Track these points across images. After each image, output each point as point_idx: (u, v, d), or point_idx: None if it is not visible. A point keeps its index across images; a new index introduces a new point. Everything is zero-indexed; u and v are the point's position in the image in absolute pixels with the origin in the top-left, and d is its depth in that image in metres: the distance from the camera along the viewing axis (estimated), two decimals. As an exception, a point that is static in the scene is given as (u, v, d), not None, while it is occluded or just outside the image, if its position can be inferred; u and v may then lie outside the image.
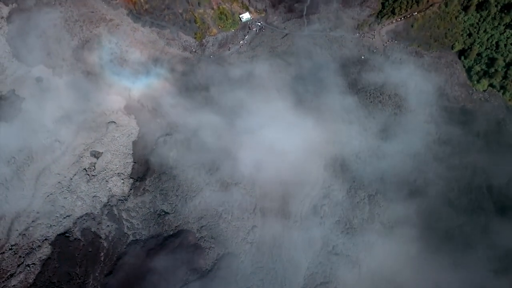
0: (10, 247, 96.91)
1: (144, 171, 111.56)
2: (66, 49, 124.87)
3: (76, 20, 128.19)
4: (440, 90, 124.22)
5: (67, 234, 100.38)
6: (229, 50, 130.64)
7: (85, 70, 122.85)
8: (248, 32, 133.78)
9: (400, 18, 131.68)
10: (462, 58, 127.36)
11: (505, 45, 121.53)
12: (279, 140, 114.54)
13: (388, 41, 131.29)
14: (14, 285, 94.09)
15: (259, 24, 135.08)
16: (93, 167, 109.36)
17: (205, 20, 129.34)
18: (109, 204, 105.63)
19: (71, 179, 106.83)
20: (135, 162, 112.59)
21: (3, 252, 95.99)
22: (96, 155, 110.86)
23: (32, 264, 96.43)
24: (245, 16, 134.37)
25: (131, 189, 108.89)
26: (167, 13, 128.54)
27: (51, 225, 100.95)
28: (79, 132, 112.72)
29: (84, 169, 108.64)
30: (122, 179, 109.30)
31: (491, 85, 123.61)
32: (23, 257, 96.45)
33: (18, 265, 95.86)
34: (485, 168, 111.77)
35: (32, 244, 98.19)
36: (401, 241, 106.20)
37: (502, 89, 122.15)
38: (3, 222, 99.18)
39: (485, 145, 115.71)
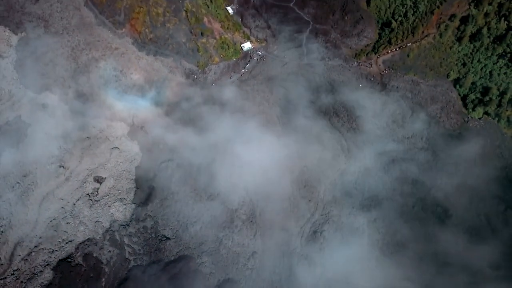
0: (12, 272, 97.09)
1: (146, 196, 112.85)
2: (72, 77, 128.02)
3: (83, 48, 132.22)
4: (437, 117, 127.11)
5: (69, 260, 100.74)
6: (230, 78, 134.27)
7: (90, 96, 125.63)
8: (249, 61, 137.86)
9: (396, 48, 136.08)
10: (457, 86, 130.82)
11: (498, 74, 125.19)
12: (279, 167, 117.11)
13: (385, 70, 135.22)
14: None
15: (260, 53, 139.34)
16: (96, 193, 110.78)
17: (208, 49, 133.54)
18: (111, 230, 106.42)
19: (74, 204, 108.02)
20: (137, 188, 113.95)
21: (5, 277, 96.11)
22: (99, 180, 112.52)
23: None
24: (247, 45, 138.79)
25: (133, 215, 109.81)
26: (171, 42, 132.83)
27: (53, 250, 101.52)
28: (83, 157, 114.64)
29: (87, 194, 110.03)
30: (125, 204, 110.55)
31: (486, 113, 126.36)
32: (25, 282, 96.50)
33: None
34: (482, 195, 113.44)
35: (34, 270, 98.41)
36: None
37: (497, 117, 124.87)
38: (6, 247, 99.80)
39: (482, 172, 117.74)
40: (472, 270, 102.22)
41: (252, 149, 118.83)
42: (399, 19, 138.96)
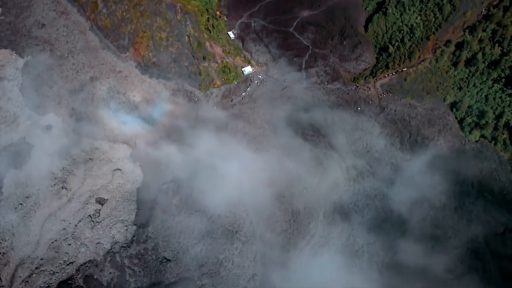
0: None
1: (148, 217, 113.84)
2: (76, 99, 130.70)
3: (87, 71, 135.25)
4: (434, 140, 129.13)
5: (69, 281, 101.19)
6: (232, 101, 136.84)
7: (94, 118, 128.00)
8: (250, 84, 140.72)
9: (394, 72, 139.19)
10: (454, 110, 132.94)
11: (494, 99, 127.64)
12: (279, 189, 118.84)
13: (383, 93, 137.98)
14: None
15: (260, 77, 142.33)
16: (98, 214, 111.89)
17: (210, 73, 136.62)
18: (112, 251, 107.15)
19: (76, 225, 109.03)
20: (138, 209, 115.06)
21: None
22: (101, 202, 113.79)
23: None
24: (247, 69, 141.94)
25: (134, 236, 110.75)
26: (173, 66, 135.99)
27: (54, 272, 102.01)
28: (86, 179, 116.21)
29: (89, 215, 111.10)
30: (126, 225, 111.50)
31: (482, 136, 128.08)
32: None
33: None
34: (480, 217, 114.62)
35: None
36: None
37: (494, 140, 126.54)
38: (7, 268, 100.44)
39: (479, 195, 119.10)
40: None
41: (252, 172, 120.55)
42: (396, 44, 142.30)
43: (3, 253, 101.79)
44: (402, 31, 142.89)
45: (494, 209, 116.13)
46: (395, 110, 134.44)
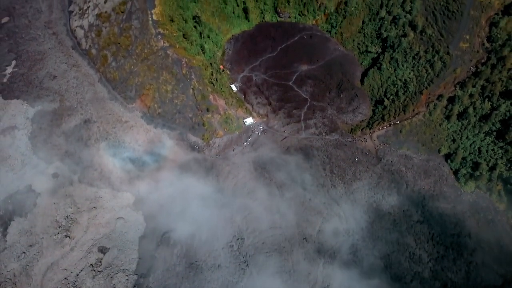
0: None
1: (149, 267, 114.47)
2: (83, 148, 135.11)
3: (95, 121, 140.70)
4: (430, 191, 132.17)
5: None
6: (233, 150, 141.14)
7: (99, 167, 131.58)
8: (251, 134, 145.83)
9: (390, 124, 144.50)
10: (449, 161, 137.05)
11: (487, 151, 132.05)
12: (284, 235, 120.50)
13: (380, 144, 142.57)
14: None
15: (261, 127, 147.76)
16: (100, 263, 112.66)
17: (212, 123, 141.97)
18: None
19: (77, 275, 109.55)
20: (140, 258, 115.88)
21: None
22: (103, 250, 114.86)
23: None
24: (249, 120, 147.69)
25: (134, 286, 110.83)
26: (178, 116, 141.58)
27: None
28: (89, 227, 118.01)
29: (91, 264, 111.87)
30: (127, 275, 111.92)
31: (478, 187, 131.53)
32: None
33: None
34: (478, 269, 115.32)
35: None
36: None
37: (489, 191, 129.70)
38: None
39: (477, 246, 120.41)
40: None
41: (254, 219, 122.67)
42: (391, 97, 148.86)
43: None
44: (397, 85, 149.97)
45: (492, 261, 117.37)
46: (391, 161, 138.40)
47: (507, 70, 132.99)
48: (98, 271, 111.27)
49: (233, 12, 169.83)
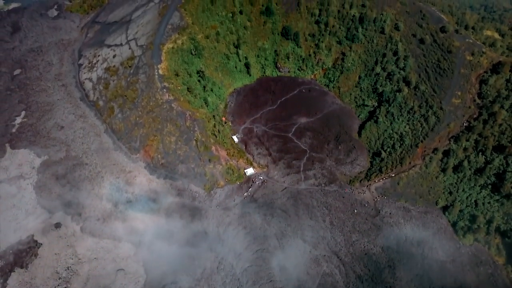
0: None
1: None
2: (87, 197, 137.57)
3: (99, 171, 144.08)
4: (429, 243, 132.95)
5: None
6: (234, 200, 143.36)
7: (101, 217, 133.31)
8: (251, 185, 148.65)
9: (387, 176, 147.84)
10: (446, 213, 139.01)
11: (483, 204, 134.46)
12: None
13: (378, 196, 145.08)
14: None
15: (261, 178, 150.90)
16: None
17: (214, 174, 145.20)
18: None
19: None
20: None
21: None
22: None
23: None
24: (249, 171, 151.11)
25: None
26: (180, 167, 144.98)
27: None
28: (89, 279, 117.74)
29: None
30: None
31: (476, 240, 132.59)
32: None
33: None
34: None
35: None
36: None
37: (487, 244, 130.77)
38: None
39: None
40: None
41: (254, 272, 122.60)
42: (388, 150, 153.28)
43: None
44: (393, 138, 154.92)
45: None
46: (390, 213, 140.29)
47: (499, 125, 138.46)
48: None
49: (236, 67, 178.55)
